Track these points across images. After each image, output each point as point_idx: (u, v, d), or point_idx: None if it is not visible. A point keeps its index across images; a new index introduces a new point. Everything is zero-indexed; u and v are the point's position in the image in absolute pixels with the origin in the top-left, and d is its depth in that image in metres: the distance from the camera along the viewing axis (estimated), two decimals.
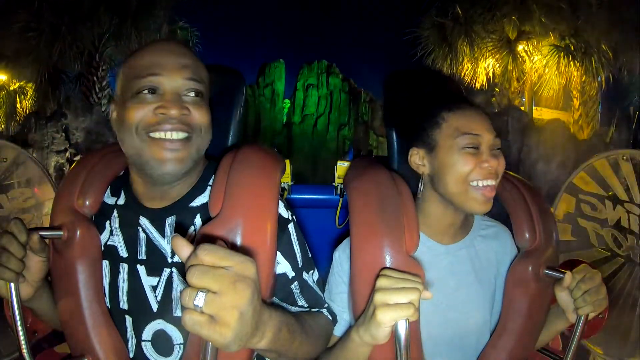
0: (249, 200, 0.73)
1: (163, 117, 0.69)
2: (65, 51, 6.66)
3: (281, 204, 0.80)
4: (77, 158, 6.27)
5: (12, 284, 0.71)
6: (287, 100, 14.08)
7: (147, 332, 0.76)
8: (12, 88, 6.85)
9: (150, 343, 0.76)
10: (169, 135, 0.70)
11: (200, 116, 0.73)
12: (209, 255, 0.48)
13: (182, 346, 0.75)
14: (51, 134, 6.09)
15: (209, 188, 0.79)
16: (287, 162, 1.17)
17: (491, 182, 0.81)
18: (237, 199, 0.73)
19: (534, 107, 7.81)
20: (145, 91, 0.70)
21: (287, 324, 0.64)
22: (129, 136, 0.71)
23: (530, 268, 0.86)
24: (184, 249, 0.50)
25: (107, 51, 7.39)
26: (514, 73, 7.02)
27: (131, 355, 0.77)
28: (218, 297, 0.47)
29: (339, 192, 1.30)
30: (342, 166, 1.27)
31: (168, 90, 0.70)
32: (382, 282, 0.66)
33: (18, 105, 7.34)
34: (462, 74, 7.58)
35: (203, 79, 0.75)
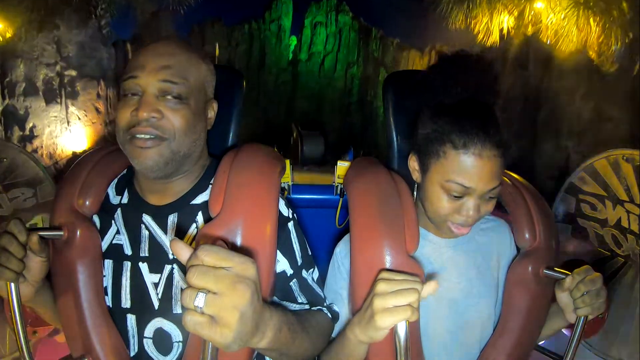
0: (249, 201, 0.73)
1: (135, 119, 0.72)
2: None
3: (281, 202, 0.80)
4: (67, 72, 5.81)
5: (12, 284, 0.71)
6: (293, 38, 13.86)
7: (149, 330, 0.76)
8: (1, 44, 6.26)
9: (152, 340, 0.77)
10: (139, 136, 0.72)
11: (174, 120, 0.73)
12: (209, 255, 0.48)
13: (180, 344, 0.75)
14: (41, 45, 5.71)
15: (211, 186, 0.79)
16: (287, 162, 1.17)
17: (465, 230, 0.81)
18: (237, 199, 0.73)
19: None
20: (129, 94, 0.73)
21: (287, 323, 0.64)
22: (119, 135, 0.75)
23: (530, 268, 0.86)
24: (184, 251, 0.50)
25: None
26: (529, 26, 6.65)
27: (133, 353, 0.78)
28: (218, 297, 0.47)
29: (339, 192, 1.30)
30: (342, 166, 1.27)
31: (145, 92, 0.73)
32: (380, 287, 0.66)
33: None
34: (476, 30, 7.09)
35: (187, 80, 0.75)
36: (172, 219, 0.78)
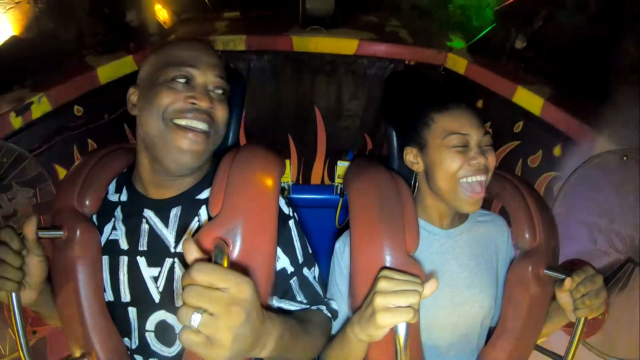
0: (249, 200, 0.73)
1: (192, 106, 0.73)
2: None
3: (282, 200, 0.81)
4: None
5: (14, 294, 0.71)
6: None
7: (150, 323, 0.77)
8: None
9: (153, 333, 0.77)
10: (194, 123, 0.73)
11: (222, 112, 0.77)
12: (204, 275, 0.47)
13: None
14: None
15: None
16: (287, 162, 1.17)
17: (480, 178, 0.83)
18: (237, 198, 0.73)
19: None
20: (180, 79, 0.74)
21: (289, 330, 0.64)
22: (154, 120, 0.73)
23: (530, 268, 0.86)
24: (192, 255, 0.51)
25: None
26: None
27: (134, 346, 0.78)
28: (213, 319, 0.46)
29: (339, 192, 1.30)
30: (342, 166, 1.27)
31: (200, 83, 0.75)
32: (382, 285, 0.65)
33: None
34: None
35: (227, 79, 0.80)
36: (174, 212, 0.78)
